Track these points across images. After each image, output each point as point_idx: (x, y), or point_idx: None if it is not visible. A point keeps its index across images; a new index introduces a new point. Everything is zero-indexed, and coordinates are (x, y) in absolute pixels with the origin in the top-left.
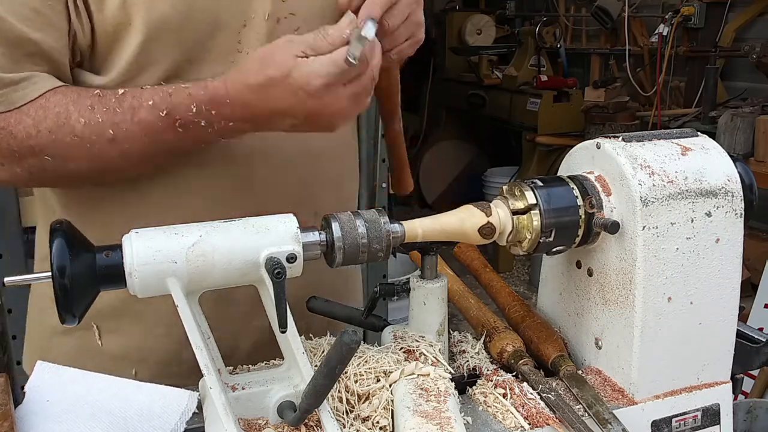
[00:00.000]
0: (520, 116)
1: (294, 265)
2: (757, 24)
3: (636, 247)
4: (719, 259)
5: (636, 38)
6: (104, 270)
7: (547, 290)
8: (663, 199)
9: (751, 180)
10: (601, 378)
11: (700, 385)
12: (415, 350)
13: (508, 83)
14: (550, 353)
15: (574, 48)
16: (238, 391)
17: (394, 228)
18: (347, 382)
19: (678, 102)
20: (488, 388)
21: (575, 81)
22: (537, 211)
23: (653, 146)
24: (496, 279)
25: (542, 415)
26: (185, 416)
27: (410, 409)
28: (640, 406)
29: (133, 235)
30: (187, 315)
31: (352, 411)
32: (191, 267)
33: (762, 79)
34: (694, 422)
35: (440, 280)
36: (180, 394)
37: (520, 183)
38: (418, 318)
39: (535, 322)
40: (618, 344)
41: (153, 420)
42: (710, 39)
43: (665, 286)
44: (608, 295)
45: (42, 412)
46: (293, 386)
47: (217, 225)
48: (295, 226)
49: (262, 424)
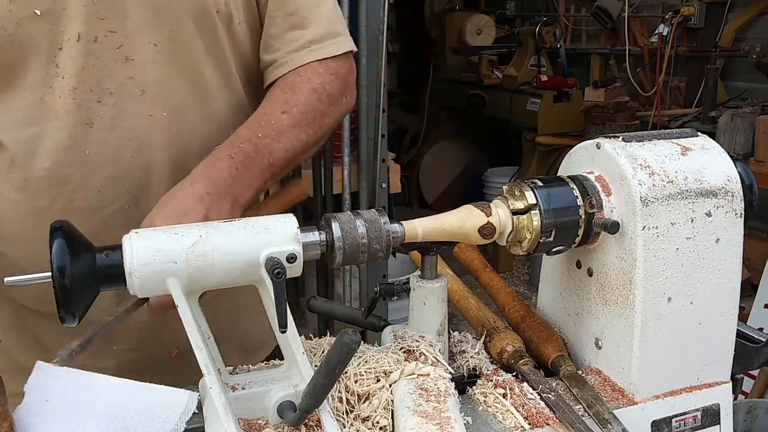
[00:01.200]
0: (520, 116)
1: (294, 265)
2: (757, 24)
3: (636, 247)
4: (719, 259)
5: (636, 38)
6: (104, 270)
7: (547, 290)
8: (663, 199)
9: (751, 180)
10: (601, 378)
11: (700, 385)
12: (415, 350)
13: (508, 83)
14: (550, 353)
15: (574, 48)
16: (238, 391)
17: (394, 228)
18: (347, 382)
19: (678, 102)
20: (488, 388)
21: (575, 81)
22: (537, 211)
23: (653, 146)
24: (496, 279)
25: (542, 415)
26: (185, 416)
27: (410, 409)
28: (640, 406)
29: (133, 235)
30: (187, 315)
31: (352, 411)
32: (191, 267)
33: (762, 79)
34: (694, 422)
35: (440, 280)
36: (180, 394)
37: (520, 183)
38: (418, 318)
39: (535, 322)
40: (618, 344)
41: (153, 420)
42: (710, 39)
43: (665, 286)
44: (608, 295)
45: (42, 412)
46: (293, 386)
47: (217, 225)
48: (295, 226)
49: (262, 424)
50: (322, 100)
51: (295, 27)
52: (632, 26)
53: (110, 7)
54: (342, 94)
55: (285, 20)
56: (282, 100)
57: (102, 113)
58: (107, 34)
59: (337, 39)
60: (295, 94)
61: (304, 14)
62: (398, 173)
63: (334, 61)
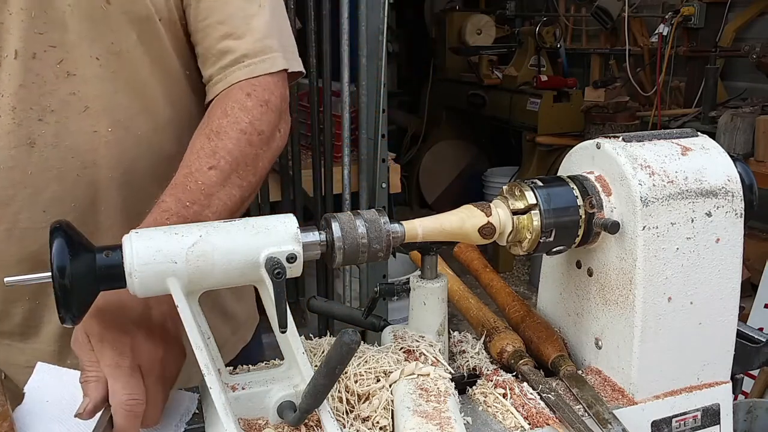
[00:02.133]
0: (520, 116)
1: (294, 265)
2: (757, 24)
3: (636, 247)
4: (719, 259)
5: (636, 38)
6: (104, 270)
7: (547, 290)
8: (663, 199)
9: (751, 180)
10: (601, 378)
11: (700, 385)
12: (415, 350)
13: (508, 83)
14: (550, 353)
15: (574, 48)
16: (238, 391)
17: (394, 228)
18: (347, 382)
19: (678, 102)
20: (488, 388)
21: (575, 81)
22: (537, 211)
23: (653, 146)
24: (496, 279)
25: (542, 415)
26: (185, 416)
27: (410, 409)
28: (640, 406)
29: (133, 235)
30: (187, 315)
31: (352, 411)
32: (191, 267)
33: (762, 79)
34: (694, 422)
35: (440, 280)
36: (180, 394)
37: (520, 183)
38: (418, 318)
39: (535, 322)
40: (618, 344)
41: None
42: (710, 39)
43: (665, 286)
44: (608, 295)
45: (42, 412)
46: (293, 386)
47: (217, 225)
48: (295, 226)
49: (262, 424)
50: (252, 143)
51: (226, 37)
52: (632, 26)
53: (49, 21)
54: (275, 127)
55: (215, 29)
56: (208, 150)
57: (44, 132)
58: (47, 49)
59: (271, 55)
60: (222, 140)
61: (236, 24)
62: (398, 173)
63: (266, 81)
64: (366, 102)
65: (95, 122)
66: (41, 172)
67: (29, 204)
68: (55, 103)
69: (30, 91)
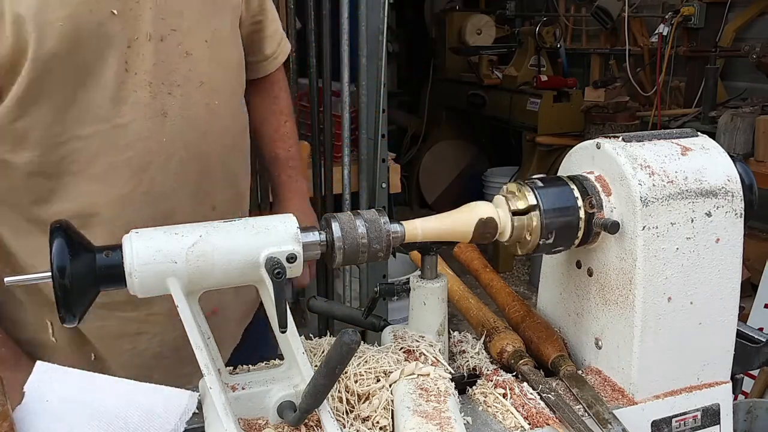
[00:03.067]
0: (520, 116)
1: (294, 265)
2: (757, 24)
3: (636, 247)
4: (719, 259)
5: (636, 38)
6: (104, 270)
7: (547, 290)
8: (663, 199)
9: (751, 180)
10: (601, 378)
11: (700, 385)
12: (415, 350)
13: (508, 83)
14: (550, 353)
15: (574, 48)
16: (238, 391)
17: (394, 228)
18: (347, 382)
19: (678, 102)
20: (488, 388)
21: (575, 81)
22: (537, 211)
23: (653, 146)
24: (496, 279)
25: (542, 415)
26: (185, 416)
27: (410, 409)
28: (640, 406)
29: (133, 235)
30: (187, 315)
31: (352, 411)
32: (191, 267)
33: (762, 79)
34: (694, 422)
35: (440, 280)
36: (180, 394)
37: (520, 183)
38: (418, 318)
39: (535, 322)
40: (618, 344)
41: (153, 420)
42: (710, 39)
43: (665, 286)
44: (608, 295)
45: (42, 412)
46: (293, 386)
47: (217, 225)
48: (295, 226)
49: (262, 424)
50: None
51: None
52: (632, 26)
53: (169, 8)
54: None
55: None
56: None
57: (173, 104)
58: (170, 32)
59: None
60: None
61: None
62: (398, 173)
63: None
64: (366, 102)
65: (207, 96)
66: (172, 140)
67: (162, 170)
68: (179, 79)
69: (160, 69)
